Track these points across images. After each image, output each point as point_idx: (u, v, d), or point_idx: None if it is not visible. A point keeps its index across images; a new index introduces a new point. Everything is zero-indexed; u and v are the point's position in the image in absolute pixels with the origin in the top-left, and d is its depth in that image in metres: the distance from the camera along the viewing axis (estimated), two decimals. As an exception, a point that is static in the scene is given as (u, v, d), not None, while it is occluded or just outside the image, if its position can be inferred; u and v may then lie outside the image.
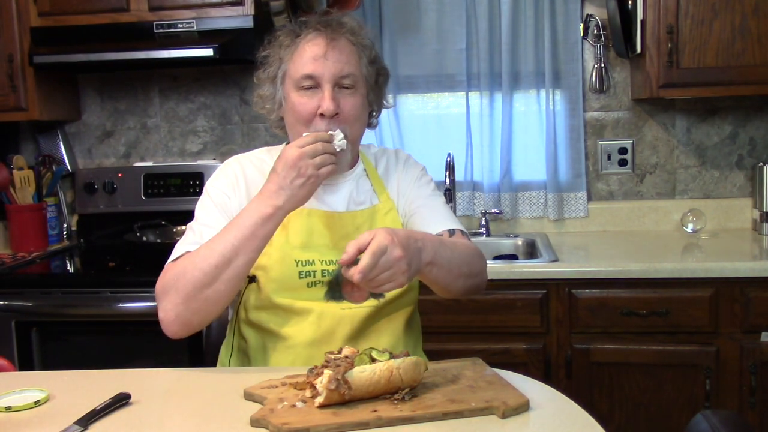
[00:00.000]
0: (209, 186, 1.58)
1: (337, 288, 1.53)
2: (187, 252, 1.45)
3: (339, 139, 1.48)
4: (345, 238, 1.54)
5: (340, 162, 1.50)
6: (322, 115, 1.50)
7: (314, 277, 1.51)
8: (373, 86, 1.60)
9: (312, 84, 1.51)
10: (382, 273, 1.25)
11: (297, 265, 1.51)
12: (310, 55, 1.51)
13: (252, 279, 1.53)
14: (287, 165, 1.40)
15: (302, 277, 1.51)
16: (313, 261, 1.52)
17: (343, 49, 1.52)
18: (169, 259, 1.48)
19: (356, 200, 1.60)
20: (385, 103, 1.66)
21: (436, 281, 1.43)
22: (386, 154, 1.71)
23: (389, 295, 1.54)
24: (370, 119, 1.64)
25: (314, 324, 1.51)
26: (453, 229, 1.56)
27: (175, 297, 1.40)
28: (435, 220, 1.57)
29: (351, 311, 1.52)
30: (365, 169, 1.65)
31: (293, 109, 1.53)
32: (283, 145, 1.67)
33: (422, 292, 1.65)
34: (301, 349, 1.50)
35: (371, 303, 1.53)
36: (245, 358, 1.59)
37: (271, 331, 1.54)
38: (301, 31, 1.55)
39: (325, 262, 1.52)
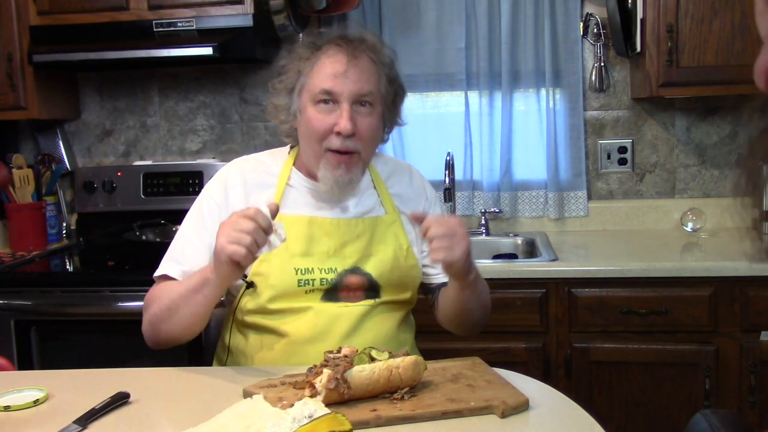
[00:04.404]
0: (203, 193, 1.62)
1: (333, 293, 1.54)
2: (164, 275, 1.55)
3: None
4: (345, 246, 1.56)
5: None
6: (338, 133, 1.50)
7: (312, 285, 1.53)
8: (390, 105, 1.59)
9: (330, 99, 1.50)
10: (450, 238, 1.37)
11: (296, 273, 1.52)
12: (331, 71, 1.50)
13: (250, 285, 1.53)
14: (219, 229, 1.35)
15: (301, 285, 1.52)
16: (313, 269, 1.53)
17: (363, 67, 1.51)
18: (156, 272, 1.57)
19: (361, 209, 1.61)
20: (398, 120, 1.66)
21: (468, 301, 1.55)
22: (396, 167, 1.73)
23: (385, 295, 1.57)
24: (382, 134, 1.63)
25: (311, 321, 1.52)
26: None
27: (146, 318, 1.54)
28: None
29: (348, 309, 1.53)
30: (372, 180, 1.66)
31: (309, 123, 1.53)
32: (287, 147, 1.67)
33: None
34: (298, 346, 1.51)
35: (367, 302, 1.55)
36: (242, 357, 1.59)
37: (269, 329, 1.54)
38: (321, 44, 1.54)
39: (324, 270, 1.53)
